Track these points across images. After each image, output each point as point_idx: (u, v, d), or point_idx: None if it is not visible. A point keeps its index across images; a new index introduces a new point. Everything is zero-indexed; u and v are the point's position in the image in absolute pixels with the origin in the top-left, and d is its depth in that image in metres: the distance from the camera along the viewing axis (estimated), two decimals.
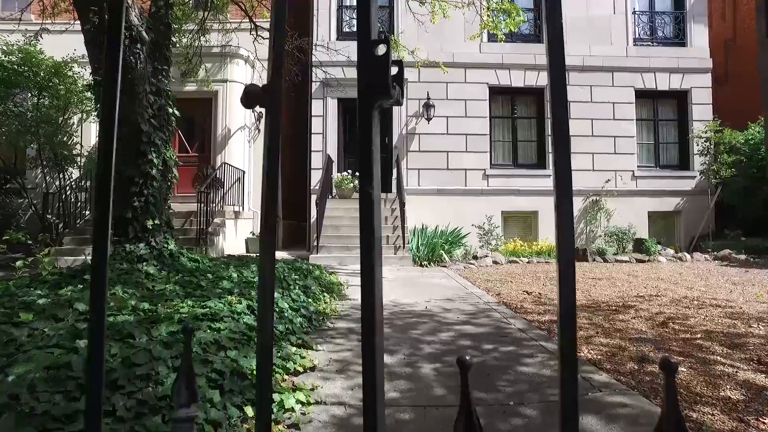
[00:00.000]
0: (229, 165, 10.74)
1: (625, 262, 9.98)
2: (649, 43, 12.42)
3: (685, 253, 10.29)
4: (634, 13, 12.34)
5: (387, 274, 7.41)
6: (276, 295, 4.00)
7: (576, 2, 12.06)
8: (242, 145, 11.69)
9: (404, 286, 6.17)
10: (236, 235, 10.80)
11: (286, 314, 3.64)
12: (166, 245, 4.67)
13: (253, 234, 11.39)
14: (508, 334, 3.62)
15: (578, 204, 11.81)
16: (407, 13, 8.74)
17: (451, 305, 4.79)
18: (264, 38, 8.26)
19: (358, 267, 4.70)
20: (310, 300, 4.49)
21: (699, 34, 12.43)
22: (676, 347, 3.40)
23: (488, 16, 7.07)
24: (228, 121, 11.36)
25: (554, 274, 8.30)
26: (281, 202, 12.61)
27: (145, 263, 4.34)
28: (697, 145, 11.82)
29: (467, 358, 0.55)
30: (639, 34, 12.44)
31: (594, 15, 12.12)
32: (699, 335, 3.72)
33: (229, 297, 3.52)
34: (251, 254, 10.64)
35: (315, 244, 9.34)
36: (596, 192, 11.68)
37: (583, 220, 11.78)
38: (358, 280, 5.25)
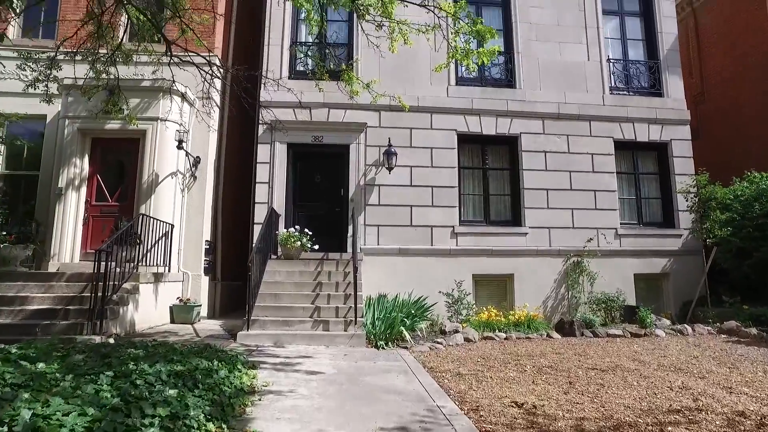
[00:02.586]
0: (151, 217, 8.85)
1: (619, 336, 8.45)
2: (626, 92, 11.59)
3: (685, 325, 8.84)
4: (608, 60, 11.57)
5: (327, 365, 5.56)
6: None
7: (549, 46, 11.20)
8: (173, 194, 9.83)
9: (342, 393, 4.33)
10: (156, 303, 8.74)
11: None
12: None
13: (181, 300, 9.36)
14: None
15: (558, 266, 10.39)
16: (368, 48, 7.40)
17: None
18: (185, 62, 6.76)
19: (296, 348, 2.32)
20: None
21: (675, 85, 11.71)
22: None
23: (455, 41, 5.79)
24: (157, 166, 9.54)
25: (542, 360, 6.69)
26: (221, 260, 10.73)
27: None
28: (686, 200, 10.76)
29: None
30: (615, 83, 11.62)
31: (568, 61, 11.26)
32: None
33: None
34: (175, 325, 8.65)
35: (246, 317, 7.44)
36: (578, 252, 10.31)
37: (564, 285, 10.31)
38: (284, 378, 3.00)
